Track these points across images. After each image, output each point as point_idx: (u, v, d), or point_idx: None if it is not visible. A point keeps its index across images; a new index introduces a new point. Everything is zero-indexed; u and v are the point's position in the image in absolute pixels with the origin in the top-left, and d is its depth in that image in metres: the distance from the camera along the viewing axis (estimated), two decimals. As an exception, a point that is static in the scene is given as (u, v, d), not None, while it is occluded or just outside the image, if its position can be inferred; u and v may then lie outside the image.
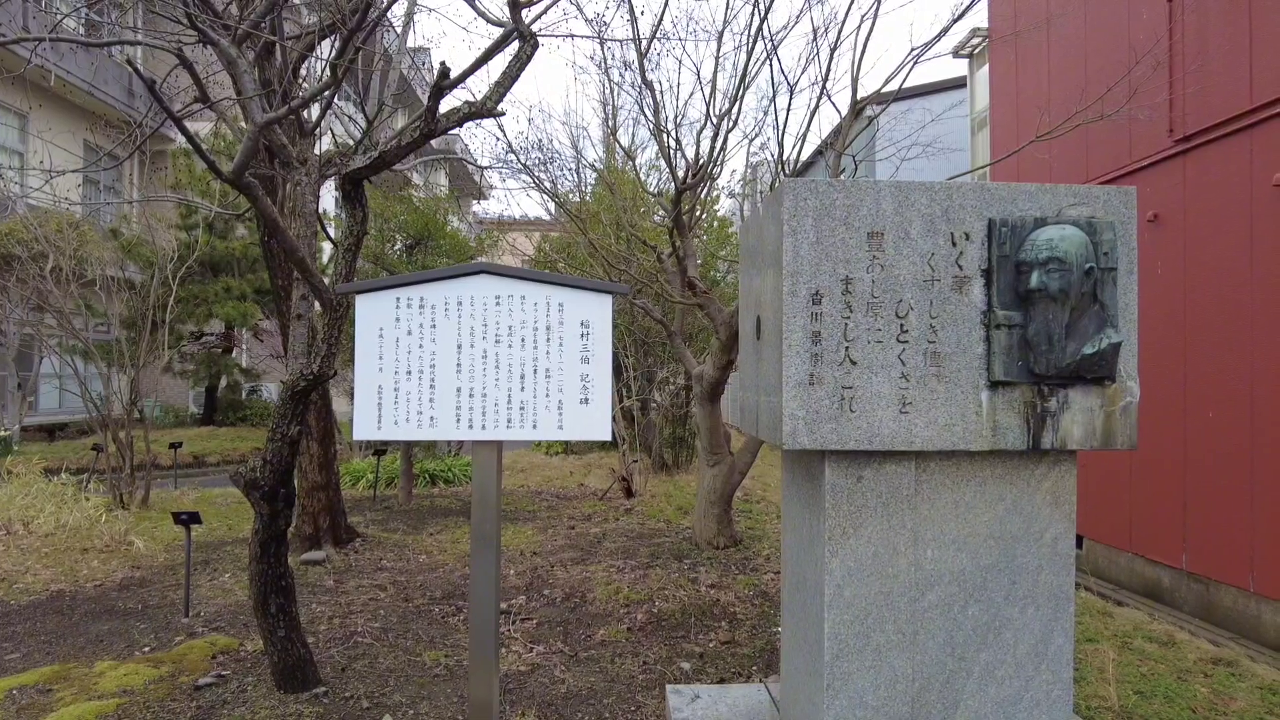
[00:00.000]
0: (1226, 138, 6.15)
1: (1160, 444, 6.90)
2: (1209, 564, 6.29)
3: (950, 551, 2.63)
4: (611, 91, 6.17)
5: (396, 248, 9.60)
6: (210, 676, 3.97)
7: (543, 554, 6.75)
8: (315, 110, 4.20)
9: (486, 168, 9.43)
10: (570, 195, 9.57)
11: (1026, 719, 2.66)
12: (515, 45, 3.57)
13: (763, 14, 5.14)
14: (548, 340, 2.16)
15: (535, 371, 2.16)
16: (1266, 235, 5.76)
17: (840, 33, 5.53)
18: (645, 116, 5.90)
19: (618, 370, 12.46)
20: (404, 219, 9.15)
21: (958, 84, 14.43)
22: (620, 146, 7.26)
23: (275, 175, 5.96)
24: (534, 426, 2.19)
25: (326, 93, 3.21)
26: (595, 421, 2.18)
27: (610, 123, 6.62)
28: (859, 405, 2.51)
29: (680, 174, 5.97)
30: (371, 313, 2.21)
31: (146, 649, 4.49)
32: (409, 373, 2.21)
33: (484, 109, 3.24)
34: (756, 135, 9.02)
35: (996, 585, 2.65)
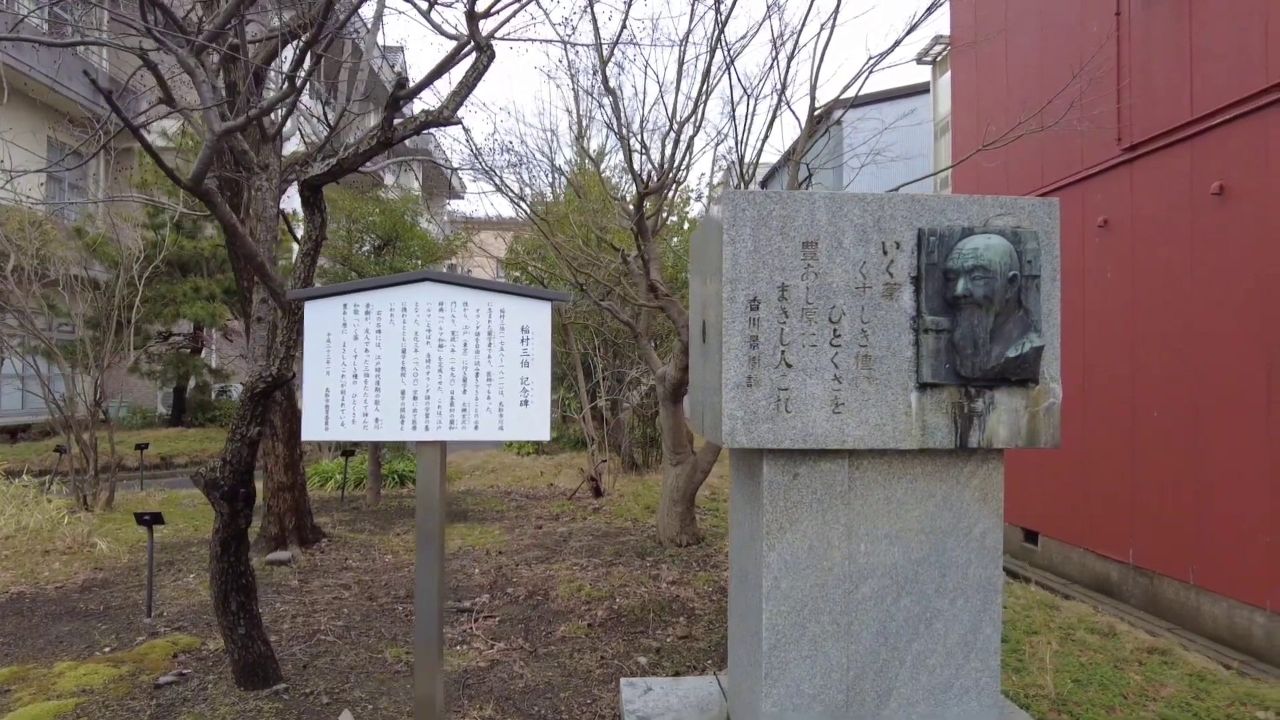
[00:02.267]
0: (1170, 147, 6.37)
1: (1110, 443, 7.12)
2: (1154, 558, 6.52)
3: (883, 545, 2.76)
4: (577, 96, 6.26)
5: (365, 249, 9.63)
6: (171, 675, 4.02)
7: (508, 553, 6.83)
8: (284, 113, 4.25)
9: (455, 169, 9.47)
10: (540, 197, 9.65)
11: (956, 705, 2.80)
12: (478, 54, 3.65)
13: (721, 23, 5.27)
14: (489, 345, 2.25)
15: (477, 375, 2.25)
16: (1205, 242, 5.98)
17: (798, 41, 5.66)
18: (609, 121, 5.99)
19: (588, 371, 12.55)
20: (373, 220, 9.17)
21: (922, 90, 14.67)
22: (585, 152, 7.36)
23: (240, 179, 5.99)
24: (475, 428, 2.28)
25: (288, 100, 3.27)
26: (535, 422, 2.28)
27: (576, 128, 6.72)
28: (794, 406, 2.63)
29: (645, 178, 6.08)
30: (320, 318, 2.29)
31: (107, 649, 4.51)
32: (355, 376, 2.29)
33: (441, 117, 3.32)
34: (723, 140, 9.12)
35: (928, 578, 2.77)
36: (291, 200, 12.17)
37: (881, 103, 14.55)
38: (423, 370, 2.25)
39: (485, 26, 3.71)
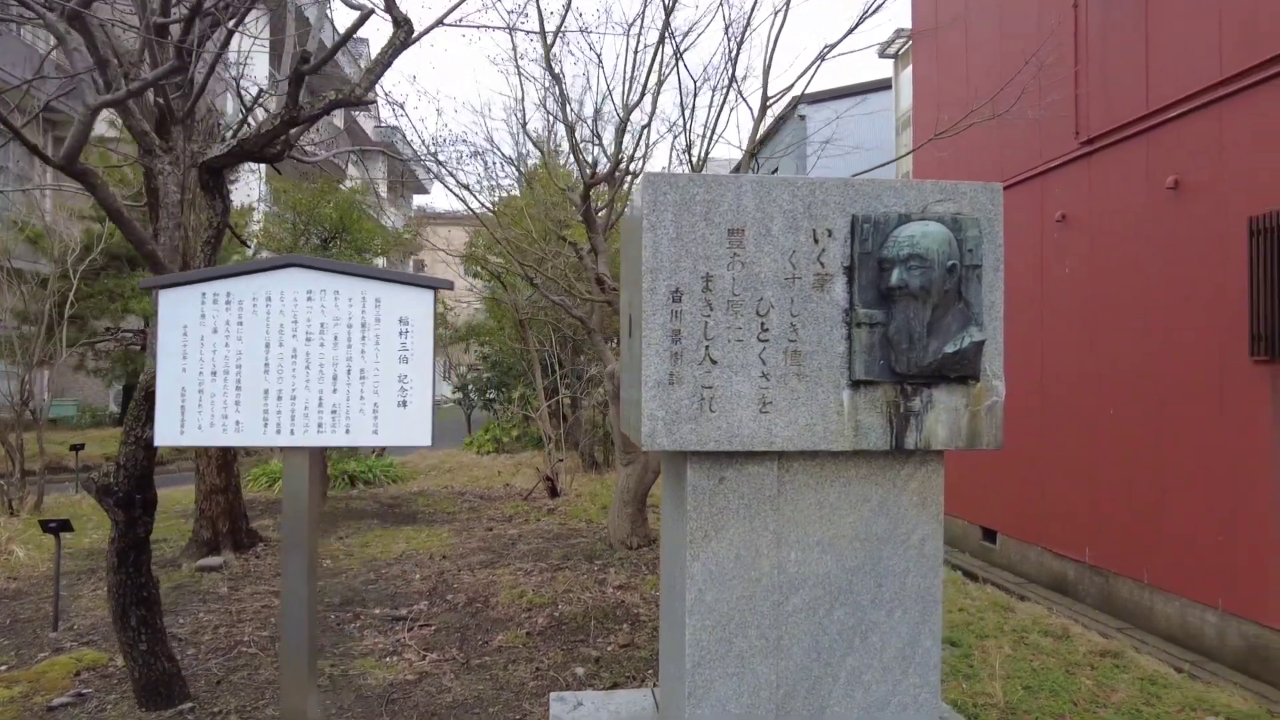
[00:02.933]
0: (1126, 141, 6.29)
1: (1067, 440, 7.05)
2: (1109, 558, 6.45)
3: (815, 554, 2.58)
4: (521, 83, 6.03)
5: (312, 242, 9.30)
6: (68, 695, 3.74)
7: (453, 557, 6.59)
8: (194, 93, 3.97)
9: (407, 160, 9.18)
10: (494, 190, 9.40)
11: (893, 723, 2.63)
12: (395, 29, 3.41)
13: (666, 10, 5.07)
14: (363, 338, 2.03)
15: (349, 372, 2.03)
16: (1161, 237, 5.90)
17: (747, 27, 5.48)
18: (551, 108, 5.77)
19: (548, 368, 12.31)
20: (321, 212, 8.85)
21: (885, 85, 14.61)
22: (531, 140, 7.13)
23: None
24: (347, 431, 2.05)
25: (176, 79, 3.02)
26: (414, 425, 2.06)
27: (521, 115, 6.48)
28: (719, 405, 2.44)
29: (593, 167, 5.87)
30: (175, 309, 2.05)
31: (3, 667, 4.21)
32: (214, 373, 2.05)
33: (353, 97, 3.09)
34: (681, 132, 8.93)
35: (863, 588, 2.60)
36: (248, 188, 11.78)
37: (845, 98, 14.47)
38: (288, 367, 2.02)
39: (434, 11, 3.49)
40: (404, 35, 3.28)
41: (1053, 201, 7.27)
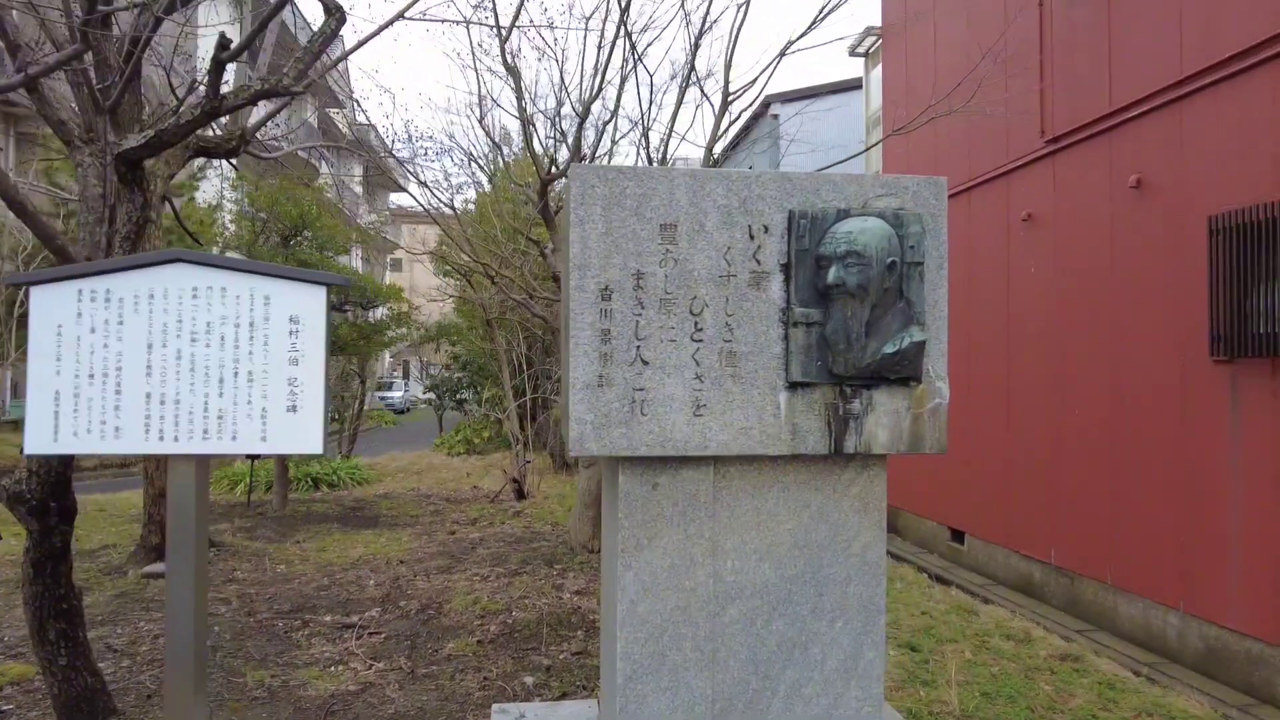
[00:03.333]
0: (1090, 139, 6.26)
1: (1033, 441, 7.01)
2: (1074, 559, 6.41)
3: (752, 562, 2.48)
4: (479, 81, 5.89)
5: (273, 240, 9.11)
6: (-13, 711, 3.57)
7: (410, 562, 6.45)
8: (120, 83, 3.81)
9: (361, 155, 9.01)
10: (459, 190, 9.25)
11: (835, 738, 2.54)
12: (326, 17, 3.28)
13: (621, 5, 4.96)
14: (250, 339, 1.90)
15: (236, 375, 1.90)
16: (1124, 236, 5.87)
17: (706, 17, 5.38)
18: (510, 104, 5.65)
19: (517, 368, 12.15)
20: (281, 209, 8.66)
21: (856, 85, 14.58)
22: (488, 135, 7.01)
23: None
24: (234, 438, 1.93)
25: (74, 63, 2.86)
26: (306, 431, 1.93)
27: (479, 109, 6.35)
28: (651, 408, 2.33)
29: (550, 162, 5.75)
30: (49, 307, 1.91)
31: (-76, 681, 4.04)
32: (92, 376, 1.91)
33: (280, 87, 2.96)
34: (648, 130, 8.83)
35: (803, 598, 2.51)
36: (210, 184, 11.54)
37: (819, 97, 14.43)
38: (171, 369, 1.89)
39: (396, 4, 3.35)
40: (335, 24, 3.15)
41: (1019, 201, 7.24)
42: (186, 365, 1.90)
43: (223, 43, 2.71)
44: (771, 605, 2.49)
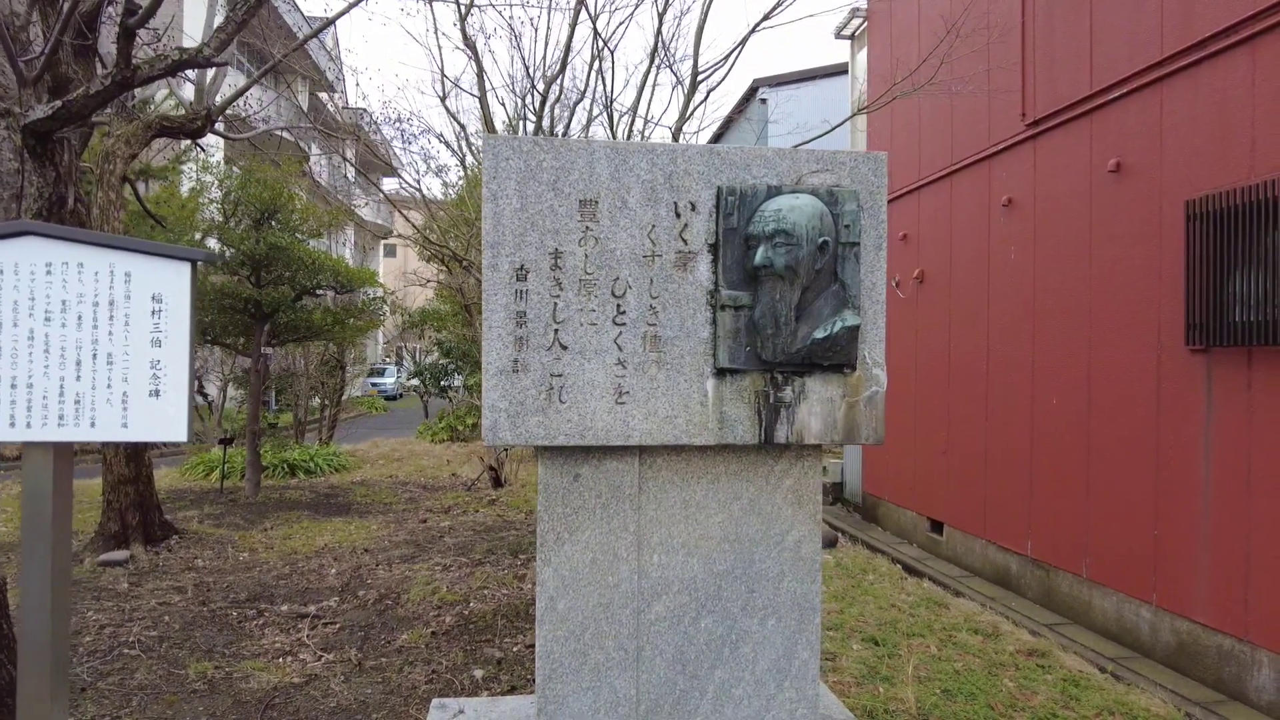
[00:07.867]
0: (1071, 123, 6.11)
1: (1010, 430, 6.90)
2: (1050, 551, 6.31)
3: (680, 557, 2.37)
4: (441, 59, 5.74)
5: (244, 224, 8.94)
6: (-90, 705, 3.45)
7: (374, 551, 6.34)
8: (43, 54, 3.66)
9: (344, 137, 8.85)
10: (438, 173, 9.07)
11: (768, 740, 2.43)
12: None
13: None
14: (110, 318, 1.77)
15: (94, 356, 1.77)
16: (1103, 222, 5.74)
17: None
18: (470, 84, 5.50)
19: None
20: (252, 192, 8.50)
21: (843, 70, 14.38)
22: (450, 115, 6.84)
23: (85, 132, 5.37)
24: (92, 425, 1.80)
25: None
26: (169, 418, 1.81)
27: (441, 86, 6.19)
28: (570, 395, 2.21)
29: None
30: (-109, 283, 1.79)
31: None
32: (-63, 358, 1.79)
33: (199, 58, 2.82)
34: (625, 113, 8.66)
35: (733, 594, 2.39)
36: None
37: (806, 81, 14.24)
38: (24, 351, 1.76)
39: None
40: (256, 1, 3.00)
41: (999, 186, 7.10)
42: (40, 346, 1.77)
43: (129, 8, 2.57)
44: (700, 602, 2.38)
